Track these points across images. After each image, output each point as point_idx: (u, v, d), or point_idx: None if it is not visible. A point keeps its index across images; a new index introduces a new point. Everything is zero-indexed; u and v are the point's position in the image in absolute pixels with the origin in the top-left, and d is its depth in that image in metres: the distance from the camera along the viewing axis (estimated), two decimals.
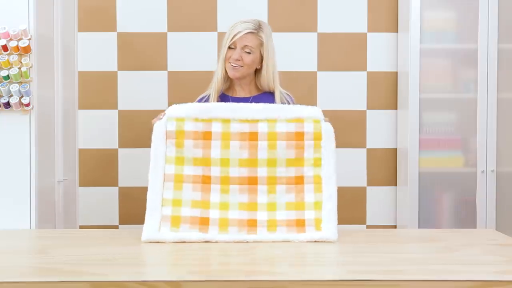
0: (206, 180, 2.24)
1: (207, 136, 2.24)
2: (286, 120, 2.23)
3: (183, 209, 2.22)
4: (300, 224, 2.22)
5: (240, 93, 2.55)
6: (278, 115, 2.23)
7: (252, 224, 2.21)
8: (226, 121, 2.21)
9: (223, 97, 2.55)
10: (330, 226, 2.19)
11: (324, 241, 2.17)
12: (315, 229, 2.20)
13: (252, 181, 2.23)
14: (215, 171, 2.24)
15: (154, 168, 2.26)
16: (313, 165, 2.23)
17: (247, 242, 2.16)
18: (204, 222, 2.21)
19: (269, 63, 2.52)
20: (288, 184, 2.24)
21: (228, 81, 2.56)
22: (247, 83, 2.55)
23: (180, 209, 2.22)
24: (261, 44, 2.49)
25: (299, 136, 2.24)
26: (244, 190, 2.23)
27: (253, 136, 2.21)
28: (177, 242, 2.16)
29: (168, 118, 2.28)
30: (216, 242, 2.15)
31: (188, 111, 2.27)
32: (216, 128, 2.23)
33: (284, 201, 2.23)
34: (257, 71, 2.56)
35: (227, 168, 2.22)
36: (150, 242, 2.17)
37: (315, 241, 2.17)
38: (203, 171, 2.24)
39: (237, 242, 2.15)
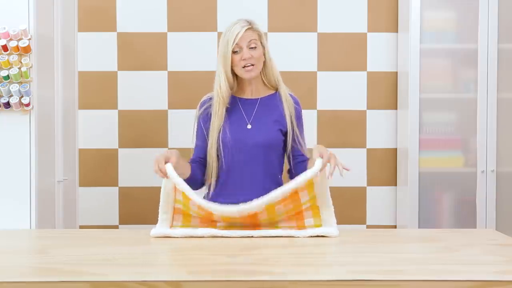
0: (212, 224, 2.32)
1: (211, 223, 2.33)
2: (283, 197, 2.23)
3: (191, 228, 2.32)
4: (301, 228, 2.31)
5: (248, 94, 2.52)
6: (275, 199, 2.22)
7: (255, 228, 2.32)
8: (224, 217, 2.26)
9: (231, 99, 2.51)
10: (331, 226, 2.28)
11: (326, 236, 2.23)
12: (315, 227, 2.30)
13: (255, 224, 2.31)
14: (219, 224, 2.32)
15: (164, 208, 2.31)
16: (309, 202, 2.27)
17: (252, 237, 2.22)
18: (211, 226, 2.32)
19: (270, 54, 2.52)
20: (288, 215, 2.30)
21: (235, 82, 2.53)
22: (256, 83, 2.52)
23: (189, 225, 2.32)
24: (260, 36, 2.48)
25: (295, 196, 2.27)
26: (247, 226, 2.32)
27: (253, 217, 2.26)
28: (183, 238, 2.23)
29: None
30: (222, 236, 2.22)
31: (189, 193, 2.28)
32: (216, 215, 2.27)
33: (286, 225, 2.30)
34: (262, 68, 2.53)
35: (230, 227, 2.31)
36: (158, 237, 2.24)
37: (317, 236, 2.23)
38: (209, 219, 2.31)
39: (242, 237, 2.22)
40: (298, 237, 2.23)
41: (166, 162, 2.27)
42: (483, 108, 3.43)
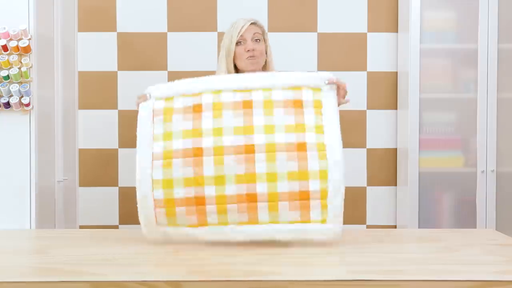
0: (197, 153, 2.02)
1: (197, 108, 2.07)
2: (282, 88, 2.06)
3: (175, 191, 2.05)
4: (304, 197, 2.02)
5: None
6: (273, 83, 2.07)
7: (251, 199, 2.01)
8: (217, 91, 2.05)
9: None
10: (335, 211, 2.03)
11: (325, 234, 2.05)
12: (321, 206, 2.03)
13: (249, 149, 2.00)
14: (207, 142, 2.02)
15: (142, 149, 2.14)
16: (315, 131, 2.04)
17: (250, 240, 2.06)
18: (200, 203, 2.03)
19: (271, 53, 2.53)
20: (288, 151, 1.99)
21: None
22: None
23: (172, 191, 2.06)
24: (263, 32, 2.51)
25: (298, 103, 2.06)
26: (241, 160, 2.00)
27: (247, 105, 2.03)
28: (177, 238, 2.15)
29: (156, 98, 2.17)
30: (212, 242, 2.06)
31: (176, 89, 2.14)
32: (207, 99, 2.06)
33: (285, 171, 2.00)
34: (264, 65, 2.54)
35: (220, 137, 2.01)
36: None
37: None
38: (194, 143, 2.03)
39: (240, 241, 2.08)
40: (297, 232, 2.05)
41: None
42: (483, 108, 3.43)
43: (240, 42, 2.46)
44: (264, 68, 2.55)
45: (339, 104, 2.17)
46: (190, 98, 2.12)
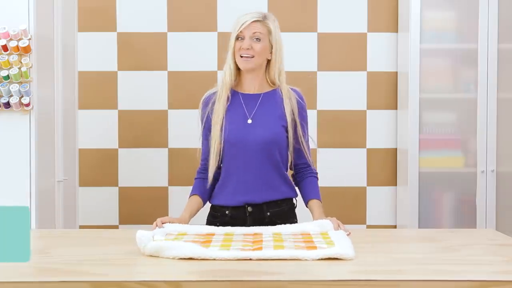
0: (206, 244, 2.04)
1: (207, 236, 2.14)
2: (291, 233, 2.19)
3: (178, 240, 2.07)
4: (310, 248, 2.00)
5: (250, 89, 2.44)
6: (282, 231, 2.20)
7: (257, 244, 2.06)
8: (229, 234, 2.18)
9: (233, 93, 2.44)
10: (345, 246, 1.96)
11: (339, 258, 1.87)
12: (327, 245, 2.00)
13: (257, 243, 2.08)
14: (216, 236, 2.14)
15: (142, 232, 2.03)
16: (323, 239, 2.09)
17: (250, 259, 1.86)
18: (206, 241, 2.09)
19: (277, 53, 2.43)
20: (297, 246, 2.00)
21: (238, 76, 2.45)
22: (258, 77, 2.44)
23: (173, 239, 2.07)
24: (269, 32, 2.41)
25: (306, 234, 2.18)
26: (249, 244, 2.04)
27: (258, 235, 2.16)
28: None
29: (167, 234, 2.14)
30: (214, 259, 1.86)
31: (188, 230, 2.20)
32: (218, 236, 2.16)
33: (292, 245, 2.00)
34: (268, 64, 2.45)
35: (230, 242, 2.07)
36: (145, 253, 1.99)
37: (329, 258, 1.87)
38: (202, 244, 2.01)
39: (239, 260, 1.86)
40: (306, 260, 1.86)
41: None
42: (483, 108, 3.43)
43: (239, 37, 2.39)
44: (267, 68, 2.45)
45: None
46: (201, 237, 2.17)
